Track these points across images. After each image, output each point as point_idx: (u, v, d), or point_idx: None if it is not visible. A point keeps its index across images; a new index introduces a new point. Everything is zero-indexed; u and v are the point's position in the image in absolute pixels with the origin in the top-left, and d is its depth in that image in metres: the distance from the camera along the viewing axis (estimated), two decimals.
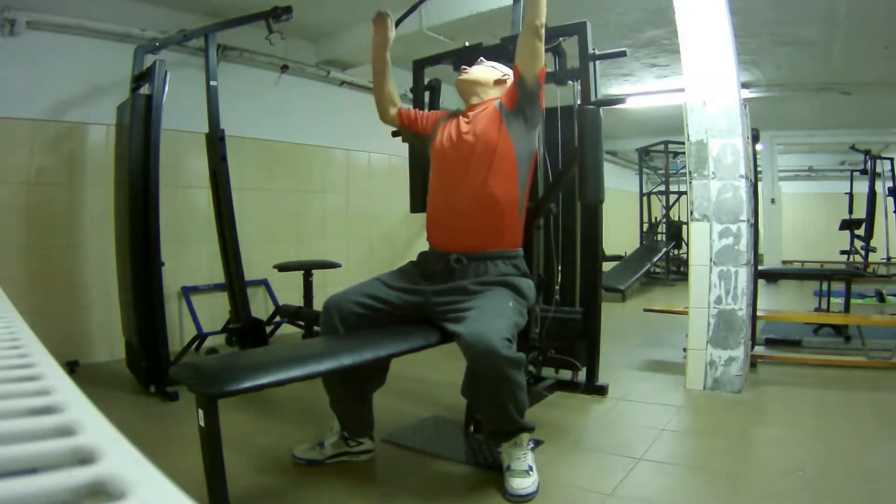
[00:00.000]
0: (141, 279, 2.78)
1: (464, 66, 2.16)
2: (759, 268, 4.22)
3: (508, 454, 1.82)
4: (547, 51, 2.51)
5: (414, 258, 2.10)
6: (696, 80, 2.87)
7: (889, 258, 8.50)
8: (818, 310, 4.64)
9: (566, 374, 2.89)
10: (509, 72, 2.10)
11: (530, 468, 1.80)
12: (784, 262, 9.50)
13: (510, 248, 1.98)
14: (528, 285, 1.97)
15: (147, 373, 2.78)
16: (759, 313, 3.47)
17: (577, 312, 2.79)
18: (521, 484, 1.75)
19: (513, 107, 1.95)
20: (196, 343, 3.59)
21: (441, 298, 1.89)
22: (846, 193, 8.34)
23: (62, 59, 3.37)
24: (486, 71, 2.11)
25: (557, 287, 2.90)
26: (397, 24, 2.16)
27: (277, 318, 3.98)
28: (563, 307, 2.81)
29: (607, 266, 6.85)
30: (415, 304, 1.93)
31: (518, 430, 1.82)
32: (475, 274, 1.92)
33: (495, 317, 1.74)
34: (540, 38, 1.84)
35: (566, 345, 2.78)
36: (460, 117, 2.06)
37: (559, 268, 2.92)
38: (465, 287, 1.89)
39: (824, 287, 4.50)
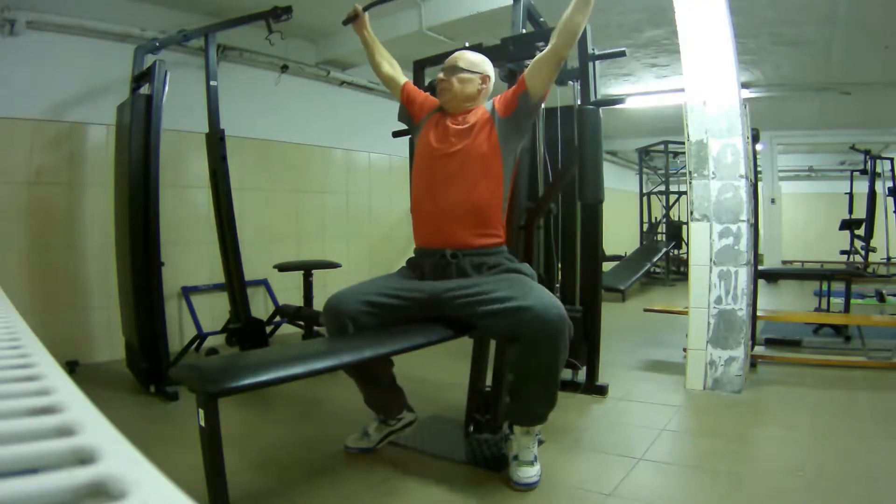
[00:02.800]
0: (141, 279, 2.78)
1: (441, 79, 2.03)
2: (759, 268, 4.22)
3: (519, 442, 1.88)
4: None
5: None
6: (696, 80, 2.87)
7: (889, 258, 8.49)
8: (818, 310, 4.64)
9: (566, 374, 2.89)
10: (488, 70, 2.09)
11: (535, 458, 1.87)
12: (784, 262, 9.50)
13: (497, 246, 1.98)
14: (529, 269, 2.00)
15: (147, 373, 2.78)
16: (759, 313, 3.47)
17: (576, 311, 2.79)
18: (528, 472, 1.83)
19: (507, 114, 1.96)
20: (196, 343, 3.59)
21: (457, 288, 1.86)
22: (846, 193, 8.34)
23: (62, 59, 3.37)
24: (467, 86, 2.02)
25: (557, 286, 2.90)
26: (366, 8, 2.33)
27: (277, 318, 3.98)
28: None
29: (607, 266, 6.85)
30: (426, 299, 1.90)
31: (545, 413, 1.88)
32: (472, 267, 1.92)
33: (543, 294, 1.79)
34: (560, 67, 1.93)
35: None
36: (448, 120, 2.03)
37: (559, 266, 2.92)
38: (476, 280, 1.87)
39: (824, 287, 4.50)
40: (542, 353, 1.76)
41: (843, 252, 7.83)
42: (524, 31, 2.65)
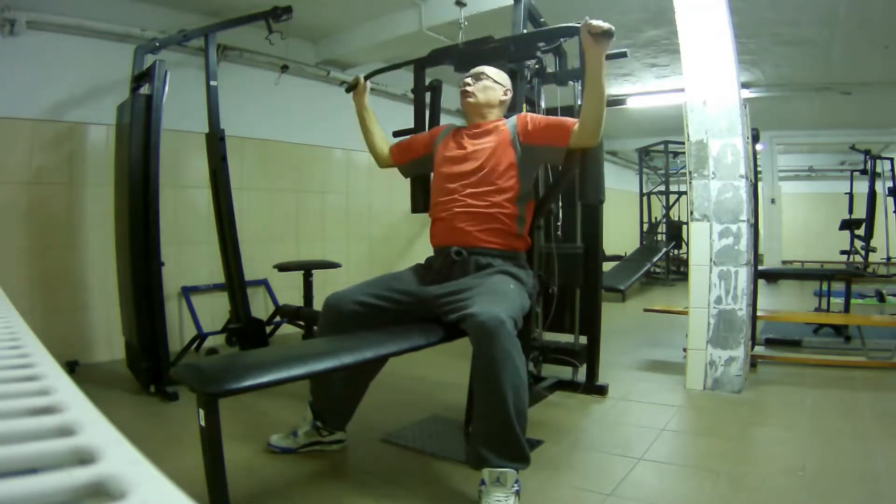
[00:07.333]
0: (141, 279, 2.78)
1: (466, 83, 2.08)
2: (759, 268, 4.22)
3: (486, 494, 1.61)
4: (547, 51, 2.52)
5: (414, 258, 2.14)
6: (696, 80, 2.87)
7: (889, 258, 8.49)
8: (818, 310, 4.64)
9: (566, 373, 2.89)
10: (509, 83, 2.15)
11: None
12: (784, 262, 9.50)
13: (509, 250, 1.99)
14: (526, 274, 1.99)
15: (147, 373, 2.78)
16: (759, 313, 3.47)
17: (577, 247, 2.81)
18: None
19: (531, 143, 1.97)
20: (196, 343, 3.59)
21: (443, 295, 1.88)
22: (846, 193, 8.34)
23: (62, 59, 3.37)
24: (490, 93, 2.08)
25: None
26: (368, 77, 2.36)
27: (277, 318, 3.98)
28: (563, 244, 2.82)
29: (607, 266, 6.84)
30: (417, 302, 1.93)
31: (491, 458, 1.63)
32: (475, 268, 1.94)
33: (501, 299, 1.73)
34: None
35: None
36: (463, 131, 2.09)
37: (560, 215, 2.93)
38: (466, 282, 1.89)
39: (824, 287, 4.50)
40: (480, 362, 1.63)
41: (843, 252, 7.83)
42: (525, 31, 2.65)
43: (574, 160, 2.02)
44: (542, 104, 2.75)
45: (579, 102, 2.67)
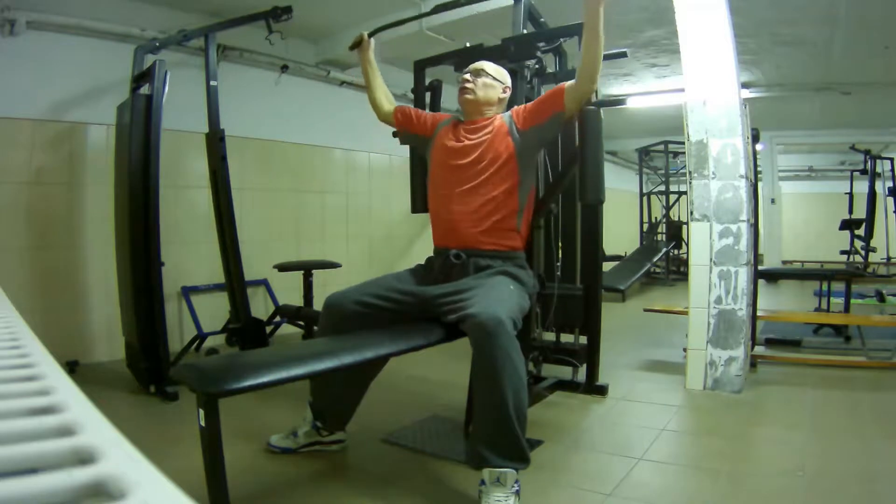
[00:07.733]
0: (141, 279, 2.78)
1: (466, 79, 2.07)
2: (759, 268, 4.22)
3: (486, 494, 1.62)
4: (547, 51, 2.52)
5: (414, 258, 2.13)
6: (696, 80, 2.87)
7: (889, 258, 8.50)
8: (818, 310, 4.64)
9: (567, 373, 2.89)
10: (510, 82, 2.14)
11: None
12: (784, 262, 9.50)
13: (509, 250, 1.99)
14: (527, 275, 1.99)
15: (147, 373, 2.78)
16: (759, 313, 3.46)
17: (577, 289, 2.80)
18: None
19: (528, 126, 1.97)
20: (196, 343, 3.59)
21: (443, 295, 1.88)
22: (846, 193, 8.34)
23: (62, 59, 3.37)
24: (490, 91, 2.06)
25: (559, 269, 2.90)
26: (371, 34, 2.36)
27: (277, 318, 3.98)
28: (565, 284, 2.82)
29: (607, 266, 6.84)
30: (417, 302, 1.93)
31: (492, 458, 1.63)
32: (475, 269, 1.94)
33: (500, 299, 1.73)
34: (583, 102, 1.93)
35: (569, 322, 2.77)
36: (461, 125, 2.08)
37: (560, 254, 2.92)
38: (466, 283, 1.89)
39: (824, 287, 4.50)
40: (479, 363, 1.63)
41: (843, 252, 7.83)
42: (525, 31, 2.65)
43: (574, 157, 2.02)
44: None
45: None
